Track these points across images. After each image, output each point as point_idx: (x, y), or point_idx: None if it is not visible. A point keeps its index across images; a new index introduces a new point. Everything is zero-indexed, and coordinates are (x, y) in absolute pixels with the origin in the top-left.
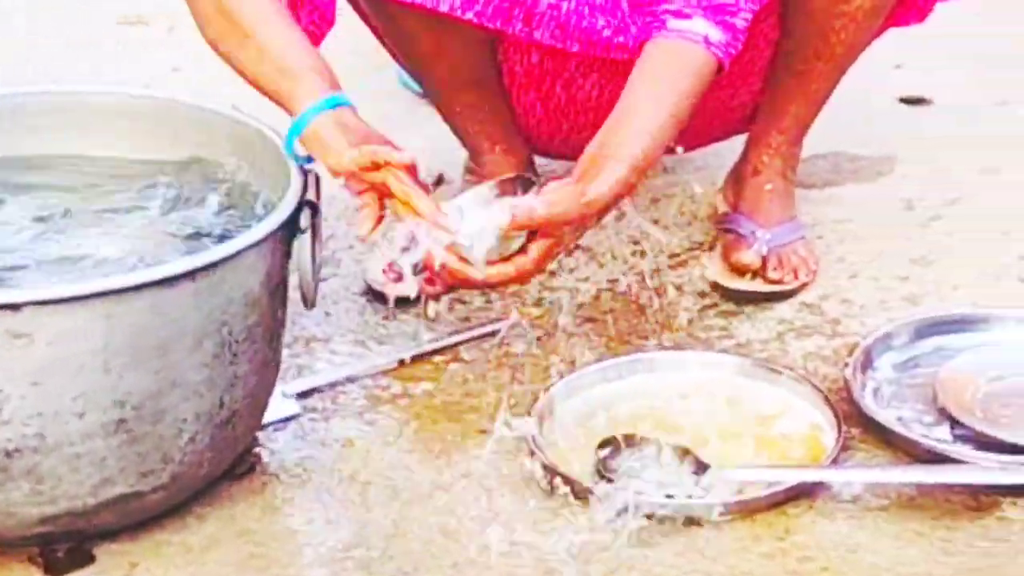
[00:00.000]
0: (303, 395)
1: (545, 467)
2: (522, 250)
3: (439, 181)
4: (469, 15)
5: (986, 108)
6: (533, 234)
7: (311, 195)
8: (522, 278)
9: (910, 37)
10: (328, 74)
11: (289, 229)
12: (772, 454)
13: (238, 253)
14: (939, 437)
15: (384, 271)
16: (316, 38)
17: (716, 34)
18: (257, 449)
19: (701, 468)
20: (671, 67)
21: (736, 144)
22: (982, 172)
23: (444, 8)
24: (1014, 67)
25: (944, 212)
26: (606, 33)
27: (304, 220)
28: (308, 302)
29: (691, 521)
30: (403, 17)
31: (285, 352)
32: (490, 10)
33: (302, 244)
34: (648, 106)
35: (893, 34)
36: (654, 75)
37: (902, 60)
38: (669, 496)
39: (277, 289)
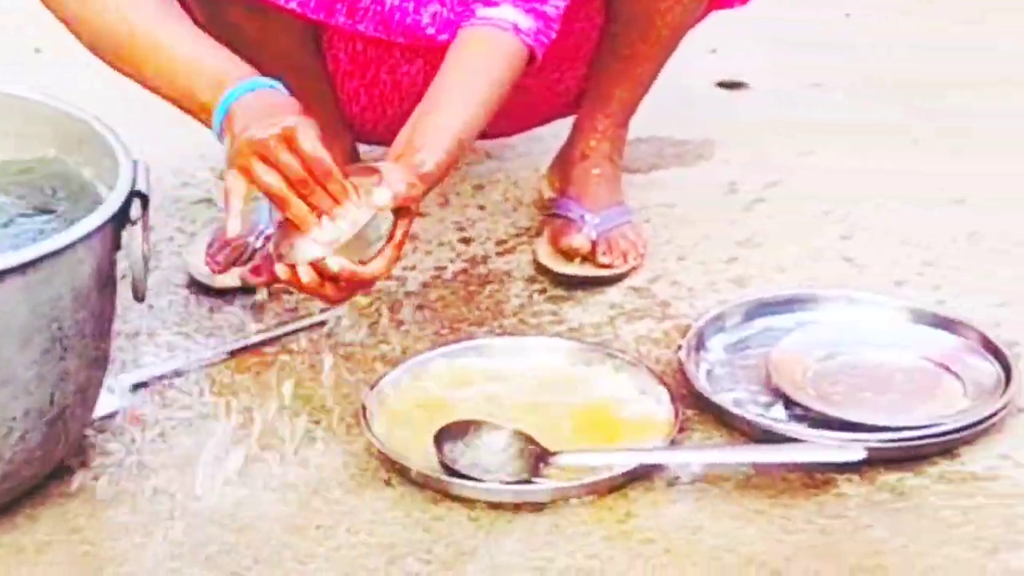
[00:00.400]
0: (131, 390)
1: (383, 457)
2: (389, 237)
3: None
4: (292, 5)
5: (801, 92)
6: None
7: (141, 186)
8: (393, 264)
9: (724, 22)
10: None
11: (119, 221)
12: (610, 437)
13: (69, 246)
14: (774, 417)
15: (207, 262)
16: None
17: (525, 22)
18: (86, 446)
19: (540, 453)
20: (481, 56)
21: (558, 129)
22: (799, 155)
23: None
24: (826, 51)
25: (765, 195)
26: (430, 31)
27: (135, 211)
28: (139, 294)
29: (532, 507)
30: (227, 6)
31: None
32: (313, 1)
33: (133, 236)
34: (458, 96)
35: (707, 19)
36: (464, 64)
37: (717, 45)
38: (510, 482)
39: (107, 282)
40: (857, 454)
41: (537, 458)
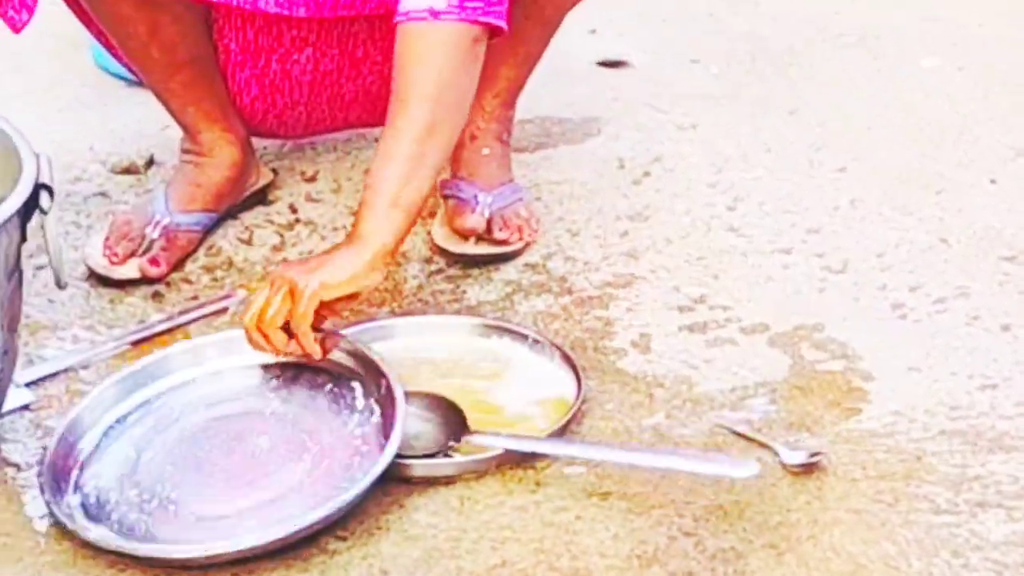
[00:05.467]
0: (35, 383)
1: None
2: None
3: (150, 163)
4: None
5: (679, 67)
6: None
7: (45, 178)
8: None
9: (601, 3)
10: None
11: (25, 213)
12: (516, 411)
13: None
14: None
15: (105, 255)
16: (15, 25)
17: (441, 1)
18: None
19: (449, 429)
20: (415, 55)
21: None
22: (681, 129)
23: None
24: (701, 26)
25: (652, 169)
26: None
27: (45, 202)
28: (60, 282)
29: (443, 480)
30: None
31: None
32: None
33: (47, 226)
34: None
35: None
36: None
37: (595, 25)
38: (418, 456)
39: (14, 274)
40: (751, 470)
41: (443, 433)
